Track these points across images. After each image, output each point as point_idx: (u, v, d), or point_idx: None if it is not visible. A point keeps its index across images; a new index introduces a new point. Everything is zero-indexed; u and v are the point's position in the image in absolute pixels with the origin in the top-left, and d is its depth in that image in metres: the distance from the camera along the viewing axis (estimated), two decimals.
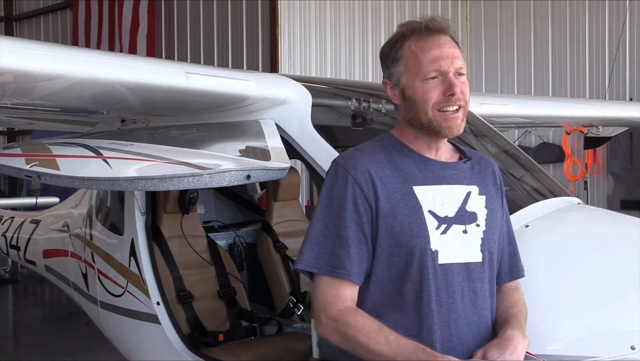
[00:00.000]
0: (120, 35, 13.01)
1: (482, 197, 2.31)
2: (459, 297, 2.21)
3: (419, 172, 2.25)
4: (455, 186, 2.27)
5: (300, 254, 2.23)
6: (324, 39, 11.57)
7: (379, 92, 4.02)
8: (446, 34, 2.27)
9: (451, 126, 2.23)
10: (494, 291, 2.32)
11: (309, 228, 2.25)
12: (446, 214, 2.22)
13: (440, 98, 2.21)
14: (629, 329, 2.58)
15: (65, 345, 7.88)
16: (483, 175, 2.36)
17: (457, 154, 2.38)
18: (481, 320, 2.25)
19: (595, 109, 5.94)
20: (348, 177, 2.21)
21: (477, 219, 2.27)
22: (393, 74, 2.31)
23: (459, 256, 2.21)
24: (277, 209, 4.78)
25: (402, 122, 2.34)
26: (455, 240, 2.21)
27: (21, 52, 2.65)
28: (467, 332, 2.21)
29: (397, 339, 2.10)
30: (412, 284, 2.18)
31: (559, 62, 12.13)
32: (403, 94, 2.29)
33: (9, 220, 6.84)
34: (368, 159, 2.25)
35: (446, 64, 2.21)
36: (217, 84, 3.20)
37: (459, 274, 2.21)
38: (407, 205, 2.20)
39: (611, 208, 10.16)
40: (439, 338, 2.17)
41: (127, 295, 4.01)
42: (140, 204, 3.94)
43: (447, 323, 2.19)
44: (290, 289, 4.57)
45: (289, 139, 3.31)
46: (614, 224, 3.33)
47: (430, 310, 2.17)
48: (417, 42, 2.25)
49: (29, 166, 2.97)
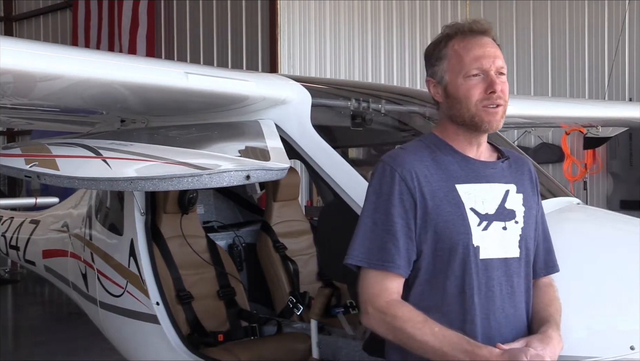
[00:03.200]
0: (120, 36, 13.01)
1: (519, 195, 2.40)
2: (497, 291, 2.30)
3: (460, 171, 2.34)
4: (495, 185, 2.37)
5: (350, 250, 2.32)
6: (324, 39, 11.57)
7: (379, 92, 4.03)
8: (489, 36, 2.37)
9: (491, 120, 2.31)
10: (530, 286, 2.41)
11: (358, 224, 2.33)
12: (487, 211, 2.32)
13: (482, 96, 2.30)
14: (629, 329, 2.59)
15: (65, 345, 7.88)
16: (520, 173, 2.47)
17: (496, 154, 2.47)
18: (517, 312, 2.34)
19: (594, 110, 5.94)
20: (395, 174, 2.30)
21: (515, 217, 2.36)
22: (436, 72, 2.39)
23: (498, 251, 2.31)
24: (277, 209, 4.79)
25: (444, 120, 2.43)
26: (495, 236, 2.31)
27: (21, 53, 2.65)
28: (505, 324, 2.31)
29: (442, 330, 2.19)
30: (455, 278, 2.27)
31: (558, 63, 12.14)
32: (446, 91, 2.37)
33: (9, 220, 6.84)
34: (413, 157, 2.34)
35: (488, 62, 2.31)
36: (217, 84, 3.20)
37: (498, 269, 2.30)
38: (450, 202, 2.29)
39: (610, 208, 10.16)
40: (480, 330, 2.26)
41: (126, 295, 4.01)
42: (140, 205, 3.94)
43: (487, 316, 2.28)
44: (290, 289, 4.58)
45: (289, 139, 3.31)
46: (614, 225, 3.33)
47: (473, 303, 2.26)
48: (460, 42, 2.34)
49: (28, 166, 2.97)
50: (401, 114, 3.94)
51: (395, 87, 9.59)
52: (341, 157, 3.25)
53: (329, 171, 3.20)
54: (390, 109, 3.69)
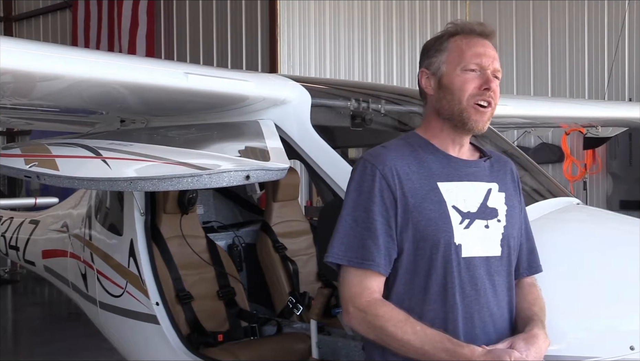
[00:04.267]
0: (120, 36, 13.01)
1: (501, 194, 2.41)
2: (482, 289, 2.29)
3: (442, 169, 2.34)
4: (477, 183, 2.38)
5: (330, 248, 2.30)
6: (324, 39, 11.58)
7: (379, 92, 4.03)
8: (491, 40, 2.40)
9: (478, 120, 2.33)
10: (512, 285, 2.40)
11: (337, 222, 2.32)
12: (469, 209, 2.31)
13: (476, 91, 2.31)
14: (629, 329, 2.58)
15: (65, 345, 7.88)
16: (502, 173, 2.47)
17: (477, 153, 2.48)
18: (500, 311, 2.33)
19: (594, 110, 5.94)
20: (376, 172, 2.29)
21: (497, 215, 2.36)
22: (433, 62, 2.39)
23: (480, 250, 2.30)
24: (277, 209, 4.79)
25: (429, 116, 2.43)
26: (477, 234, 2.30)
27: (20, 53, 2.64)
28: (489, 323, 2.30)
29: (424, 329, 2.18)
30: (437, 277, 2.26)
31: (558, 63, 12.14)
32: (440, 82, 2.37)
33: (8, 220, 6.83)
34: (394, 155, 2.34)
35: (487, 61, 2.33)
36: (217, 84, 3.19)
37: (480, 267, 2.30)
38: (432, 200, 2.28)
39: (610, 208, 10.17)
40: (463, 329, 2.25)
41: (126, 295, 4.01)
42: (140, 205, 3.94)
43: (471, 315, 2.27)
44: (290, 289, 4.58)
45: (288, 139, 3.31)
46: (613, 225, 3.33)
47: (455, 302, 2.25)
48: (463, 38, 2.37)
49: (28, 167, 2.97)
50: (401, 114, 3.94)
51: (395, 87, 9.58)
52: (341, 157, 3.25)
53: (328, 171, 3.20)
54: (390, 109, 3.69)
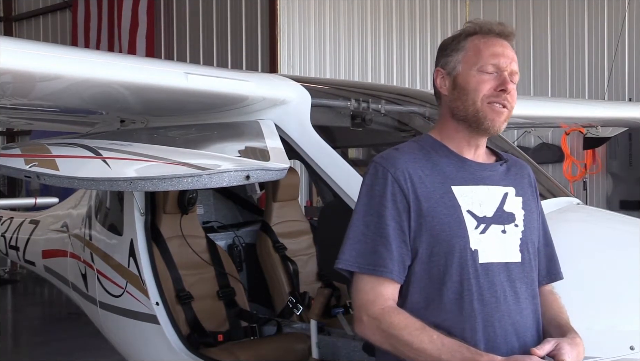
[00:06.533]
0: (120, 36, 13.02)
1: (519, 198, 2.32)
2: (502, 296, 2.19)
3: (457, 173, 2.26)
4: (493, 187, 2.29)
5: (340, 254, 2.22)
6: (323, 39, 11.58)
7: (379, 92, 4.03)
8: (510, 41, 2.33)
9: (495, 119, 2.25)
10: (536, 293, 2.30)
11: (349, 227, 2.24)
12: (485, 214, 2.23)
13: (492, 92, 2.24)
14: (629, 329, 2.59)
15: (65, 345, 7.88)
16: (519, 177, 2.38)
17: (494, 157, 2.40)
18: (523, 320, 2.23)
19: (594, 110, 5.94)
20: (387, 175, 2.21)
21: (515, 220, 2.27)
22: (449, 62, 2.31)
23: (498, 255, 2.21)
24: (277, 209, 4.79)
25: (443, 117, 2.35)
26: (494, 240, 2.21)
27: (20, 53, 2.64)
28: (511, 332, 2.19)
29: (441, 338, 2.09)
30: (452, 284, 2.17)
31: (558, 63, 12.14)
32: (455, 82, 2.29)
33: (8, 220, 6.83)
34: (407, 158, 2.26)
35: (505, 62, 2.26)
36: (217, 84, 3.19)
37: (500, 273, 2.20)
38: (446, 205, 2.20)
39: (610, 208, 10.17)
40: (483, 337, 2.15)
41: (126, 296, 4.01)
42: (140, 205, 3.94)
43: (492, 323, 2.17)
44: (290, 289, 4.58)
45: (288, 139, 3.31)
46: (613, 225, 3.34)
47: (473, 310, 2.16)
48: (481, 38, 2.29)
49: (28, 167, 2.97)
50: (401, 114, 3.94)
51: (395, 87, 9.59)
52: (341, 157, 3.25)
53: (328, 171, 3.19)
54: (390, 109, 3.69)
